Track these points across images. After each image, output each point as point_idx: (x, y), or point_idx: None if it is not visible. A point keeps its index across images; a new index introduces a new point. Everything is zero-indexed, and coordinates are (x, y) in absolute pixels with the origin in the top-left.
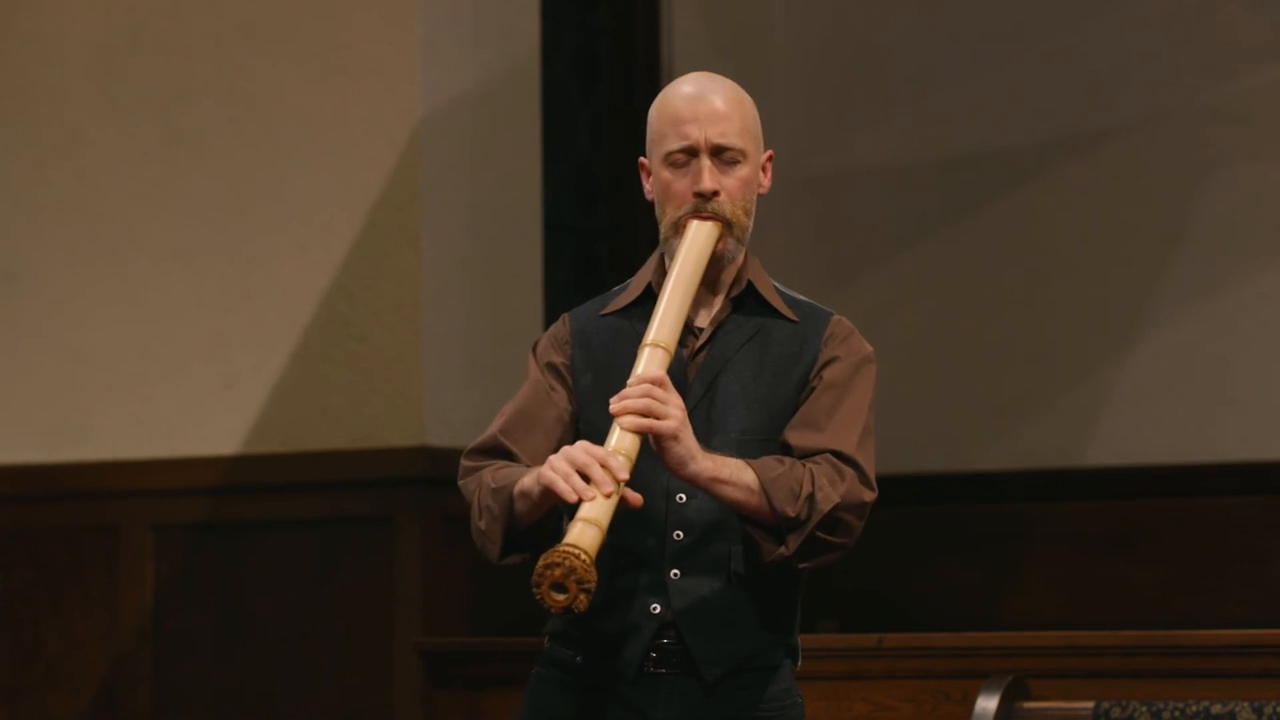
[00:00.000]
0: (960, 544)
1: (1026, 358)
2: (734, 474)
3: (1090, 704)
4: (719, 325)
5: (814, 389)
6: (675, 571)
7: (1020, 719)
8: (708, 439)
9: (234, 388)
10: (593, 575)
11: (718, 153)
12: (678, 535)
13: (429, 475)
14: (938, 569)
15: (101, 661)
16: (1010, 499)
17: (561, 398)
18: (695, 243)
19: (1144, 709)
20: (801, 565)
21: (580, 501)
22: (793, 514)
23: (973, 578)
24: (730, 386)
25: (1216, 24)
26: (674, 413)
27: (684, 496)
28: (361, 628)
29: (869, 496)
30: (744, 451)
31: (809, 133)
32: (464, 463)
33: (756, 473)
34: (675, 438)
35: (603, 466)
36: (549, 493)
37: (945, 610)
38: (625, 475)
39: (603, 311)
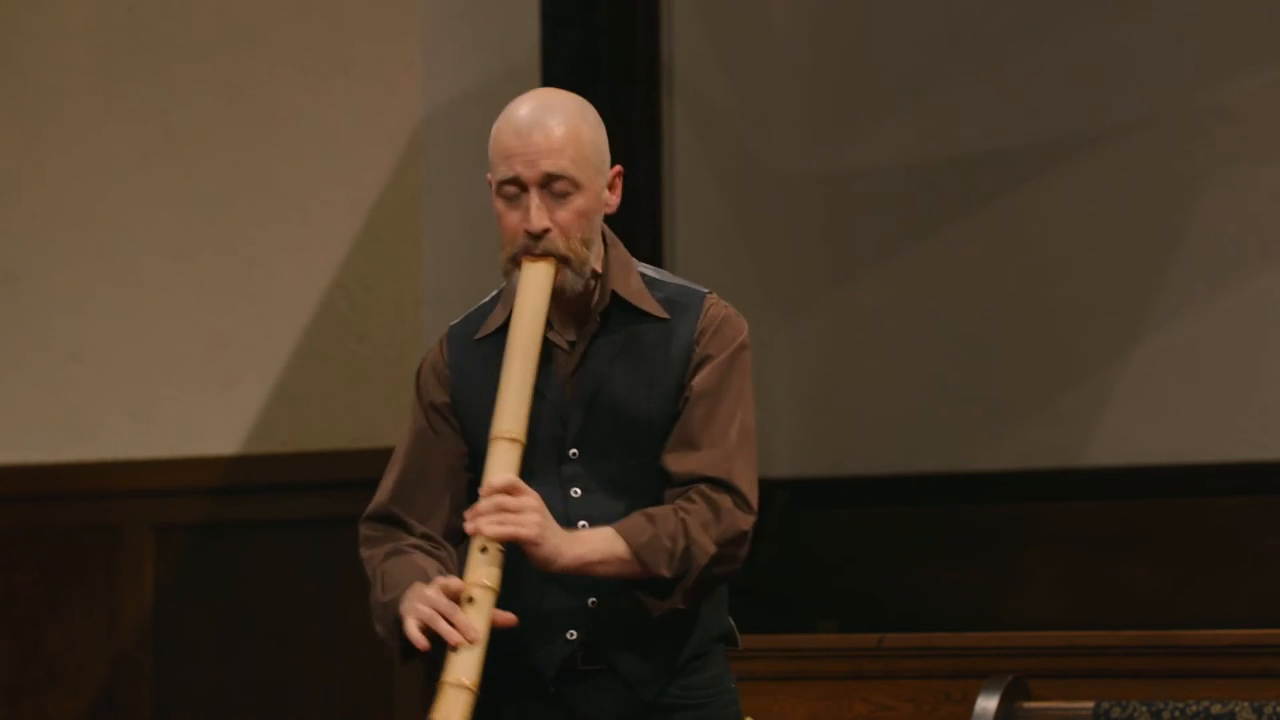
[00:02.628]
0: (960, 544)
1: (1026, 358)
2: (605, 551)
3: (1090, 704)
4: (590, 340)
5: (688, 399)
6: (593, 599)
7: (1020, 719)
8: (597, 463)
9: (234, 388)
10: None
11: (547, 183)
12: None
13: None
14: (938, 569)
15: (101, 661)
16: (1010, 499)
17: (448, 439)
18: (529, 290)
19: (1144, 709)
20: (691, 605)
21: (446, 655)
22: (669, 575)
23: (973, 578)
24: (610, 408)
25: (1216, 24)
26: (530, 518)
27: (586, 524)
28: (361, 628)
29: (747, 524)
30: (631, 478)
31: (808, 132)
32: (361, 530)
33: (626, 540)
34: (536, 543)
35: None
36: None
37: (945, 610)
38: (489, 607)
39: (477, 335)
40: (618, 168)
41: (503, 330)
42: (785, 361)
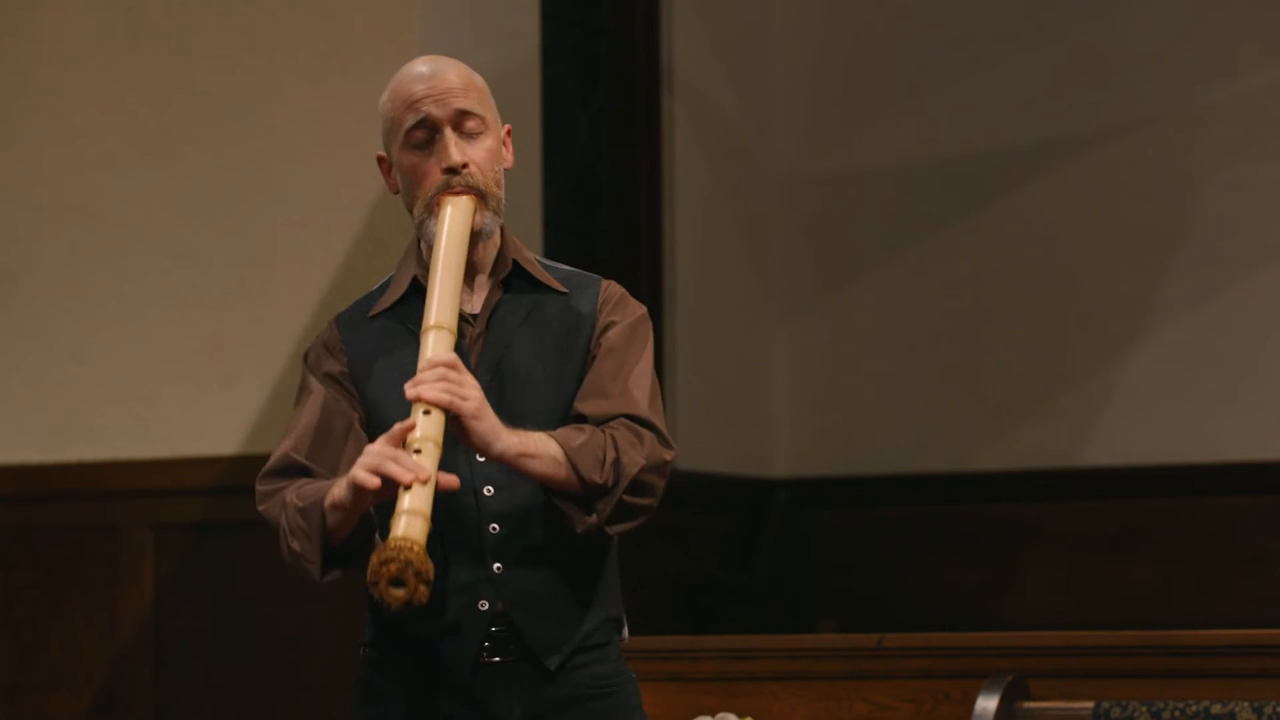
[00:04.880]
0: (960, 544)
1: (1026, 358)
2: (539, 447)
3: (1090, 704)
4: (493, 309)
5: (595, 357)
6: (498, 565)
7: (1020, 719)
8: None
9: (234, 388)
10: (429, 566)
11: (459, 122)
12: (494, 528)
13: None
14: (938, 569)
15: (101, 661)
16: (1010, 499)
17: (347, 405)
18: (454, 220)
19: (1144, 709)
20: (611, 531)
21: (397, 494)
22: (600, 481)
23: (973, 578)
24: (515, 371)
25: (1215, 24)
26: (472, 393)
27: (491, 489)
28: (361, 628)
29: (669, 454)
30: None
31: (808, 133)
32: (259, 488)
33: (560, 444)
34: (477, 417)
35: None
36: (362, 493)
37: (945, 610)
38: (435, 460)
39: (371, 313)
40: (508, 126)
41: (400, 304)
42: (785, 361)
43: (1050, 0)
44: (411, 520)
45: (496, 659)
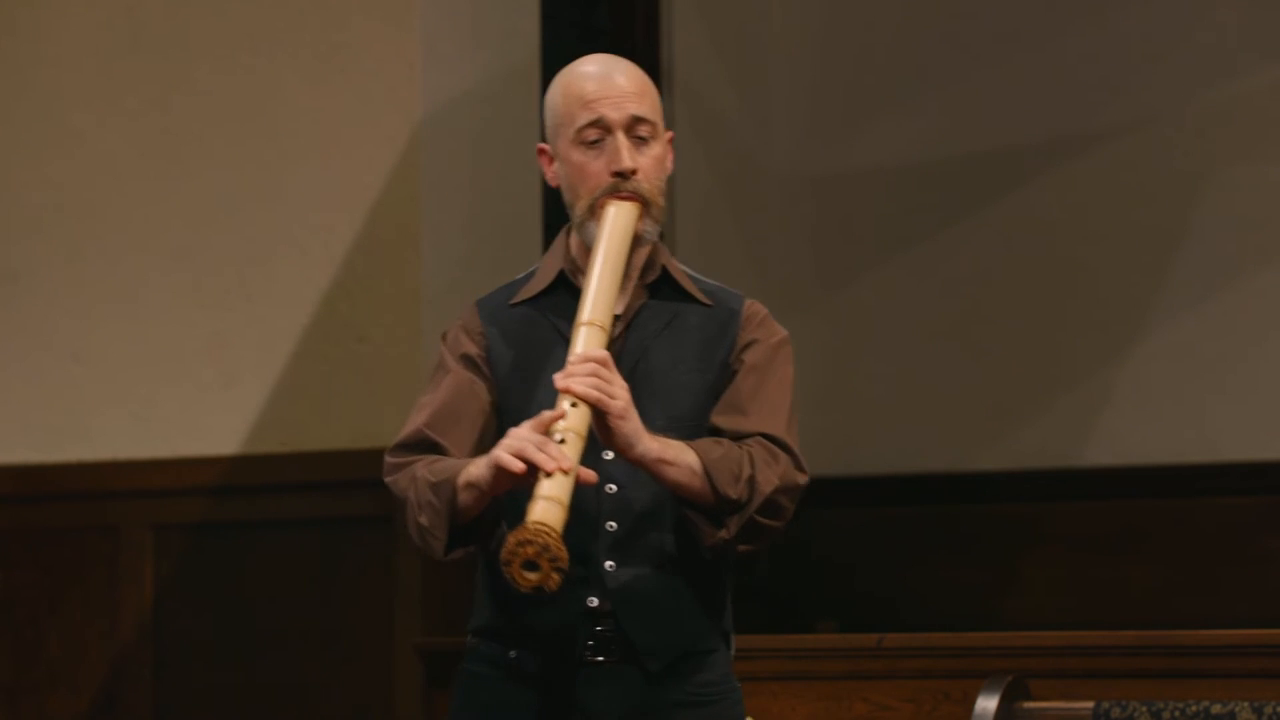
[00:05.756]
0: (960, 544)
1: (1026, 358)
2: (678, 455)
3: (1090, 704)
4: (636, 313)
5: (735, 373)
6: (610, 563)
7: (1020, 719)
8: None
9: (234, 388)
10: (565, 554)
11: (632, 126)
12: (611, 526)
13: None
14: (938, 569)
15: (101, 661)
16: (1010, 499)
17: (482, 389)
18: (617, 224)
19: (1144, 709)
20: (740, 549)
21: (534, 481)
22: (734, 496)
23: (973, 578)
24: (651, 374)
25: (1215, 24)
26: (621, 393)
27: (614, 486)
28: (361, 628)
29: (802, 479)
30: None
31: (809, 133)
32: (389, 459)
33: (698, 454)
34: (623, 417)
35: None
36: (503, 475)
37: (945, 610)
38: (578, 453)
39: (513, 301)
40: (670, 133)
41: (544, 295)
42: None
43: (1050, 0)
44: (550, 506)
45: (599, 659)
